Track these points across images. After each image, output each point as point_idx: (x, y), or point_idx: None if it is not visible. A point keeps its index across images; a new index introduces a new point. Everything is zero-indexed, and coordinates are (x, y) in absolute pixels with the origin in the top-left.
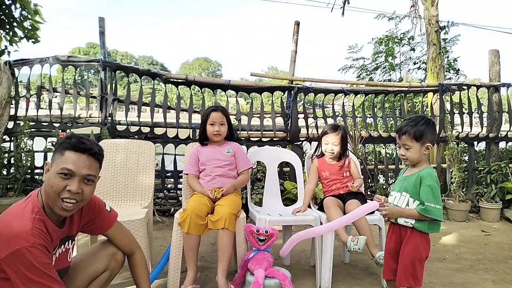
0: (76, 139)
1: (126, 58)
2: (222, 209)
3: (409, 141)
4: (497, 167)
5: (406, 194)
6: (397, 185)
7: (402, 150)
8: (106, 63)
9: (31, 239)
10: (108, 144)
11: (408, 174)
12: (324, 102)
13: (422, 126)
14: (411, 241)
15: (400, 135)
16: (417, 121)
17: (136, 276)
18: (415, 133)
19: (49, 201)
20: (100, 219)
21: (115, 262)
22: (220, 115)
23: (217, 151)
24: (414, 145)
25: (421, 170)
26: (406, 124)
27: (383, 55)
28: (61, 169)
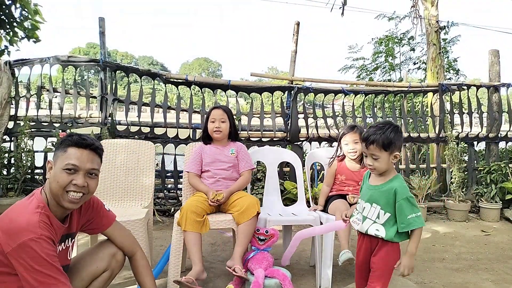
0: (77, 136)
1: (126, 58)
2: (245, 201)
3: (378, 150)
4: (497, 167)
5: (377, 206)
6: (366, 195)
7: (369, 160)
8: (106, 63)
9: (38, 231)
10: (108, 144)
11: (377, 183)
12: (324, 102)
13: (390, 134)
14: (382, 251)
15: (367, 144)
16: (385, 128)
17: (140, 276)
18: (383, 142)
19: (55, 196)
20: (99, 218)
21: (116, 262)
22: (221, 112)
23: (220, 152)
24: (383, 155)
25: (393, 182)
26: (373, 133)
27: (383, 55)
28: (66, 164)
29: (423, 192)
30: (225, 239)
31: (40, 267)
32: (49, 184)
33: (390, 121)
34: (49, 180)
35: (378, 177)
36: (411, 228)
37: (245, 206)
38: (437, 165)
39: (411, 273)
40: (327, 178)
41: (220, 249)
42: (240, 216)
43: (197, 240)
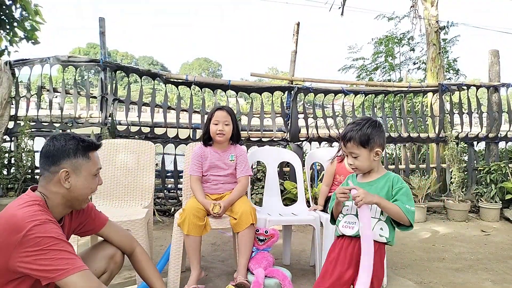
0: (86, 139)
1: (126, 58)
2: (240, 207)
3: (356, 148)
4: (497, 167)
5: None
6: None
7: (349, 159)
8: (107, 63)
9: (40, 217)
10: (109, 144)
11: (368, 180)
12: (324, 102)
13: (368, 129)
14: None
15: (345, 142)
16: (362, 124)
17: (143, 272)
18: (360, 139)
19: (76, 201)
20: (91, 220)
21: (114, 263)
22: (225, 114)
23: (220, 158)
24: (362, 152)
25: (387, 175)
26: (350, 130)
27: (383, 55)
28: (96, 170)
29: (423, 192)
30: (225, 239)
31: (52, 246)
32: (68, 192)
33: (368, 117)
34: (72, 188)
35: (367, 176)
36: (408, 216)
37: (239, 214)
38: (437, 165)
39: (360, 201)
40: (326, 178)
41: (220, 249)
42: (236, 225)
43: (197, 244)
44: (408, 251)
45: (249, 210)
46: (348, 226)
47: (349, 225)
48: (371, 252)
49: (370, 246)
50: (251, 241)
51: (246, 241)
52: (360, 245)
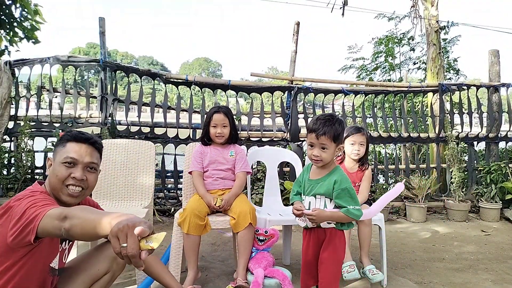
0: (75, 131)
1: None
2: (239, 207)
3: (328, 141)
4: (497, 167)
5: (321, 197)
6: (307, 189)
7: (317, 151)
8: (106, 63)
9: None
10: (108, 144)
11: (317, 177)
12: (324, 102)
13: (339, 126)
14: (332, 243)
15: (318, 135)
16: (333, 121)
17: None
18: (334, 134)
19: (55, 191)
20: None
21: (117, 264)
22: (222, 117)
23: (220, 154)
24: (331, 146)
25: (333, 173)
26: (323, 124)
27: (383, 55)
28: (64, 158)
29: (423, 192)
30: (225, 239)
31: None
32: (48, 180)
33: (334, 114)
34: (49, 175)
35: (319, 170)
36: (352, 217)
37: (237, 214)
38: (437, 165)
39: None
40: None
41: (220, 249)
42: (236, 225)
43: (196, 244)
44: (408, 251)
45: (248, 210)
46: (301, 220)
47: (302, 218)
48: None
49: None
50: (250, 241)
51: (245, 241)
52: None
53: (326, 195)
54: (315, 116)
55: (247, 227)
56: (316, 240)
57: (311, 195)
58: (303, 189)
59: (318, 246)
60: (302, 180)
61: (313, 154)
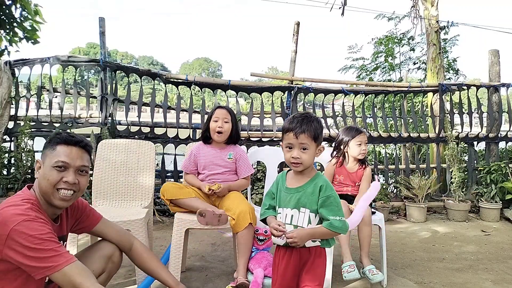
0: (65, 134)
1: (126, 58)
2: (238, 207)
3: (309, 140)
4: (497, 167)
5: (306, 210)
6: (287, 200)
7: (296, 152)
8: (106, 63)
9: (30, 213)
10: (108, 144)
11: (298, 184)
12: (324, 102)
13: (318, 125)
14: (316, 264)
15: (297, 133)
16: (311, 119)
17: (146, 264)
18: (314, 132)
19: (45, 195)
20: (85, 216)
21: (112, 263)
22: (225, 112)
23: (218, 156)
24: (312, 146)
25: (316, 178)
26: (301, 122)
27: (382, 55)
28: (55, 162)
29: (423, 192)
30: (225, 239)
31: (37, 244)
32: (38, 183)
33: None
34: (39, 179)
35: (299, 177)
36: (337, 230)
37: (236, 215)
38: (437, 165)
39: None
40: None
41: (220, 249)
42: (235, 225)
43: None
44: (408, 251)
45: (247, 210)
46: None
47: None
48: None
49: None
50: (250, 241)
51: (245, 241)
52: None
53: (310, 207)
54: (290, 116)
55: (246, 227)
56: (297, 262)
57: (292, 208)
58: (278, 200)
59: (299, 267)
60: (276, 191)
61: (292, 157)
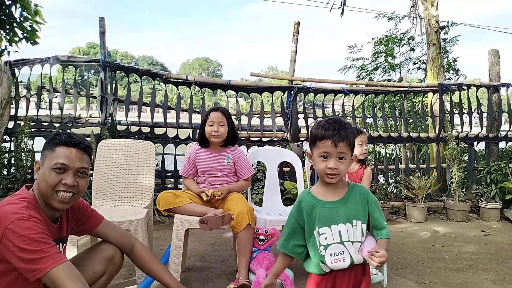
0: (64, 135)
1: (126, 58)
2: (237, 207)
3: (347, 149)
4: (497, 167)
5: (358, 222)
6: (333, 216)
7: (333, 162)
8: (106, 63)
9: (26, 212)
10: (108, 144)
11: (338, 196)
12: (324, 102)
13: (352, 130)
14: (365, 281)
15: (336, 142)
16: (346, 125)
17: (148, 266)
18: (352, 140)
19: (44, 197)
20: (87, 218)
21: (113, 265)
22: (220, 115)
23: (215, 160)
24: (349, 156)
25: (355, 186)
26: (338, 129)
27: (382, 55)
28: (54, 164)
29: (423, 192)
30: (225, 239)
31: (27, 245)
32: (37, 185)
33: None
34: (38, 180)
35: (334, 189)
36: (383, 236)
37: (236, 215)
38: (437, 165)
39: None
40: None
41: (220, 249)
42: (235, 226)
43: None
44: (408, 251)
45: (246, 210)
46: (338, 259)
47: (338, 257)
48: None
49: None
50: (249, 241)
51: (245, 242)
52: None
53: (362, 218)
54: (320, 121)
55: (245, 227)
56: (353, 280)
57: (345, 222)
58: (315, 221)
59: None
60: (305, 216)
61: (328, 167)
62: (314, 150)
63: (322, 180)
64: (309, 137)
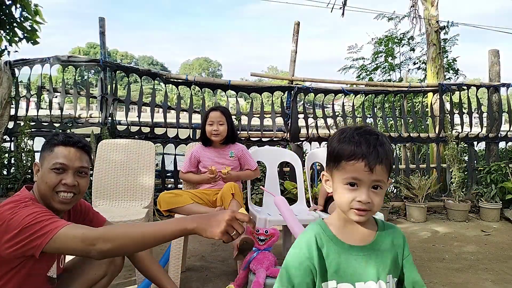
0: (62, 135)
1: (126, 58)
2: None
3: (385, 175)
4: (497, 167)
5: (390, 277)
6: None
7: (366, 195)
8: (106, 63)
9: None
10: (109, 144)
11: (367, 239)
12: (324, 102)
13: (390, 146)
14: None
15: (372, 164)
16: (383, 139)
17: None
18: (391, 161)
19: (45, 198)
20: (89, 220)
21: (114, 266)
22: (219, 114)
23: (220, 155)
24: (386, 183)
25: (388, 227)
26: (373, 145)
27: (382, 55)
28: (53, 164)
29: (423, 192)
30: None
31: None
32: (37, 186)
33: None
34: (37, 182)
35: (360, 228)
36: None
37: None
38: (437, 165)
39: None
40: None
41: (220, 249)
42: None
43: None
44: None
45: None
46: None
47: None
48: None
49: None
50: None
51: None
52: None
53: (395, 272)
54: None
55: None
56: None
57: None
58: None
59: None
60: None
61: (358, 200)
62: (336, 172)
63: (343, 213)
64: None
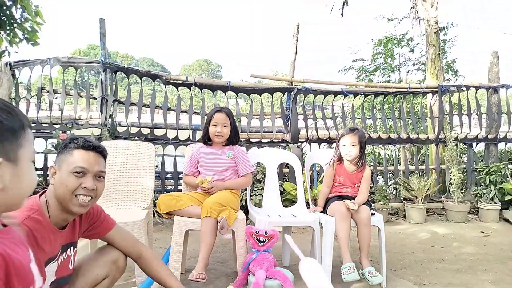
0: (82, 139)
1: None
2: (207, 201)
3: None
4: (496, 168)
5: None
6: None
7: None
8: (107, 65)
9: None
10: (108, 145)
11: None
12: (323, 103)
13: None
14: None
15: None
16: None
17: (156, 274)
18: None
19: (62, 201)
20: (99, 222)
21: (117, 268)
22: (224, 117)
23: (217, 155)
24: None
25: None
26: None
27: (382, 56)
28: (74, 168)
29: (422, 193)
30: (224, 240)
31: None
32: (54, 190)
33: None
34: (55, 185)
35: None
36: None
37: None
38: (436, 166)
39: None
40: (326, 179)
41: (219, 250)
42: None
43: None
44: (408, 252)
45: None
46: None
47: None
48: None
49: None
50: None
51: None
52: None
53: None
54: None
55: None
56: None
57: None
58: None
59: None
60: None
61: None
62: None
63: None
64: None
